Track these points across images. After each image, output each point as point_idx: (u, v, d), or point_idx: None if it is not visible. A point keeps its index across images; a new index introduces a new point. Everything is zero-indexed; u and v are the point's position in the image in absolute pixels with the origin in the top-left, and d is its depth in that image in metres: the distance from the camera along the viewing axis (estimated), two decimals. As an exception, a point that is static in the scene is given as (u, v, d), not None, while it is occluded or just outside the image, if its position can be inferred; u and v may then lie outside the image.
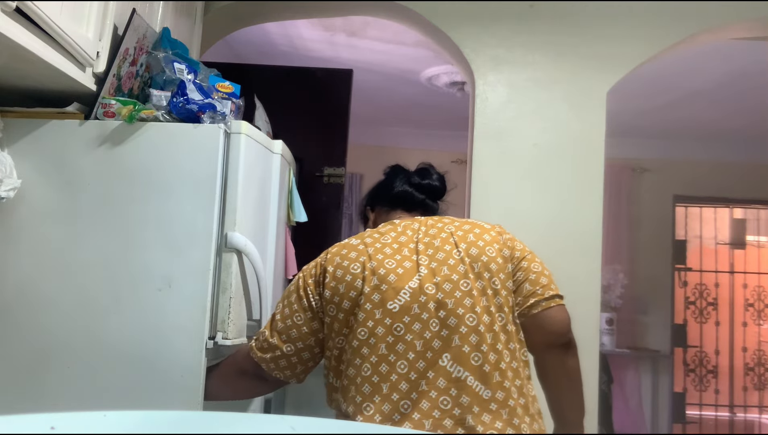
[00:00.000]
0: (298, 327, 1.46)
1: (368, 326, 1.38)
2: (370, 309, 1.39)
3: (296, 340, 1.46)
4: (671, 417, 5.14)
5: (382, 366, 1.36)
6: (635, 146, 5.10)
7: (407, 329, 1.37)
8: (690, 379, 5.40)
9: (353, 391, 1.37)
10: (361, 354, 1.38)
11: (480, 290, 1.42)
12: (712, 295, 5.47)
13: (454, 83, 4.05)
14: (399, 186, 1.66)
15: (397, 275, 1.41)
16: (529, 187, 2.54)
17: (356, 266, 1.43)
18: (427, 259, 1.44)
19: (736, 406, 5.49)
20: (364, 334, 1.38)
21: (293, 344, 1.46)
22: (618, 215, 5.16)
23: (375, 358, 1.36)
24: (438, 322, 1.37)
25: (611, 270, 4.94)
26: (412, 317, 1.38)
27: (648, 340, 5.17)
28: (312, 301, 1.46)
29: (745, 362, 5.51)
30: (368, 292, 1.40)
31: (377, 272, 1.41)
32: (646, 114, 4.57)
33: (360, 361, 1.37)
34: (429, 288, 1.40)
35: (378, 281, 1.41)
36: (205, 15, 2.43)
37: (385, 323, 1.38)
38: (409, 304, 1.38)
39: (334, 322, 1.43)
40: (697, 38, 2.64)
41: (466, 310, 1.38)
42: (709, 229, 5.55)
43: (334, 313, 1.43)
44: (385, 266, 1.42)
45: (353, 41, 3.62)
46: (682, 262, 5.33)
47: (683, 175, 5.20)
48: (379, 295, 1.39)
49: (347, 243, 1.52)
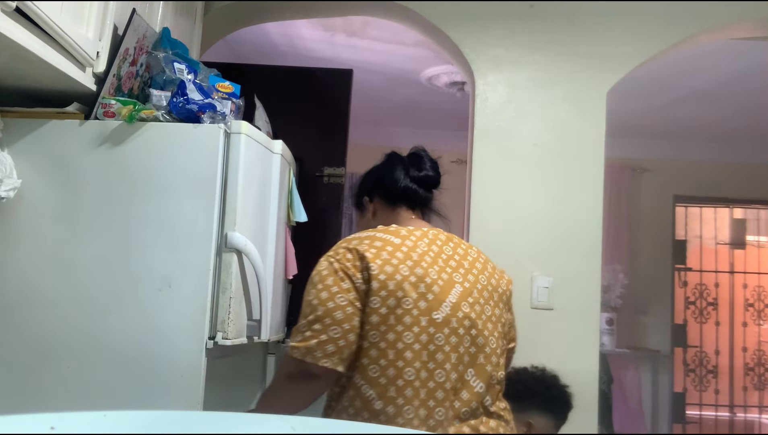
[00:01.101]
0: (343, 308, 1.43)
1: (414, 332, 1.43)
2: (417, 315, 1.44)
3: (342, 322, 1.42)
4: (671, 417, 5.14)
5: (422, 373, 1.43)
6: (635, 146, 5.10)
7: (446, 341, 1.45)
8: (690, 379, 5.40)
9: (393, 392, 1.41)
10: (404, 357, 1.42)
11: (497, 317, 1.57)
12: (712, 295, 5.47)
13: (454, 83, 4.05)
14: (401, 181, 1.66)
15: (440, 287, 1.48)
16: (529, 187, 2.54)
17: (405, 269, 1.46)
18: (461, 277, 1.52)
19: (736, 406, 5.49)
20: (409, 339, 1.43)
21: (339, 326, 1.42)
22: (618, 215, 5.15)
23: (418, 364, 1.42)
24: (469, 340, 1.49)
25: (611, 270, 4.93)
26: (450, 330, 1.46)
27: (648, 340, 5.17)
28: (356, 283, 1.45)
29: (745, 362, 5.51)
30: (415, 298, 1.45)
31: (424, 280, 1.47)
32: (646, 114, 4.57)
33: (403, 364, 1.42)
34: (464, 306, 1.49)
35: (424, 289, 1.46)
36: (205, 15, 2.43)
37: (429, 332, 1.44)
38: (449, 317, 1.47)
39: (372, 314, 1.44)
40: (697, 38, 2.64)
41: (489, 333, 1.52)
42: (709, 229, 5.55)
43: (378, 305, 1.44)
44: (429, 275, 1.48)
45: (353, 41, 3.61)
46: (682, 262, 5.33)
47: (683, 175, 5.20)
48: (425, 303, 1.45)
49: (388, 239, 1.51)
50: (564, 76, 2.58)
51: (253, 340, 1.73)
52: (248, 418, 1.20)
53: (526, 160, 2.55)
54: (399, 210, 1.66)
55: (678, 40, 2.58)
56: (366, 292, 1.45)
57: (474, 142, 2.58)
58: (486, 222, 2.52)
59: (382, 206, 1.69)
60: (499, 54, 2.61)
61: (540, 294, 2.46)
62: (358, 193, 1.76)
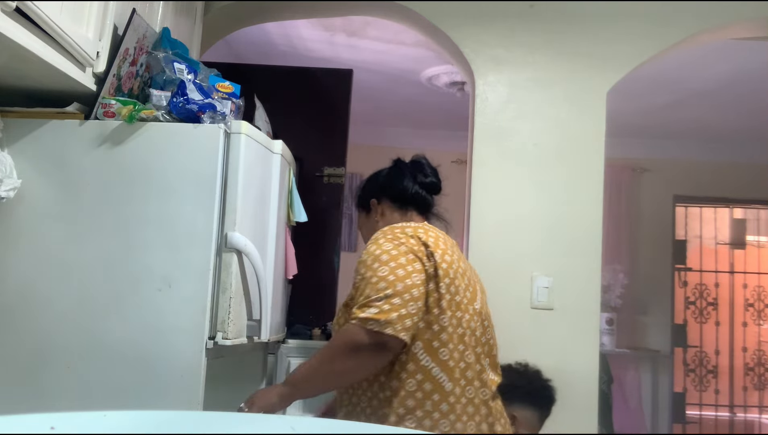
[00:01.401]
0: (418, 286, 1.52)
1: (465, 320, 1.61)
2: (466, 305, 1.62)
3: (417, 299, 1.51)
4: (671, 417, 5.14)
5: (470, 356, 1.61)
6: (635, 146, 5.10)
7: (479, 331, 1.65)
8: (690, 379, 5.40)
9: (458, 374, 1.57)
10: (465, 342, 1.59)
11: (491, 323, 1.76)
12: (712, 295, 5.47)
13: (454, 83, 4.05)
14: (411, 187, 1.78)
15: (469, 280, 1.68)
16: (529, 187, 2.54)
17: (456, 263, 1.63)
18: (475, 282, 1.73)
19: (736, 406, 5.49)
20: (466, 325, 1.60)
21: (416, 303, 1.51)
22: (618, 215, 5.16)
23: (470, 351, 1.61)
24: (484, 334, 1.68)
25: (611, 270, 4.94)
26: (477, 324, 1.65)
27: (648, 340, 5.17)
28: (426, 266, 1.56)
29: (745, 362, 5.51)
30: (463, 288, 1.62)
31: (465, 275, 1.66)
32: (646, 114, 4.57)
33: (463, 348, 1.59)
34: (482, 306, 1.71)
35: (468, 283, 1.66)
36: (205, 15, 2.43)
37: (474, 320, 1.64)
38: (479, 311, 1.67)
39: (442, 299, 1.57)
40: (697, 38, 2.64)
41: (492, 333, 1.74)
42: (709, 229, 5.55)
43: (445, 291, 1.57)
44: (465, 273, 1.66)
45: (353, 41, 3.62)
46: (682, 262, 5.33)
47: (683, 175, 5.20)
48: (469, 294, 1.64)
49: (438, 235, 1.66)
50: (564, 76, 2.58)
51: (253, 340, 1.73)
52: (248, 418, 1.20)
53: (526, 160, 2.55)
54: (410, 213, 1.79)
55: (678, 39, 2.58)
56: (433, 276, 1.56)
57: (474, 142, 2.58)
58: (486, 222, 2.52)
59: (391, 209, 1.79)
60: (499, 54, 2.61)
61: (540, 294, 2.46)
62: (363, 195, 1.86)
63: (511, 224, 2.52)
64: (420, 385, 1.53)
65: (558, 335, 2.44)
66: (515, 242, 2.50)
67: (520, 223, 2.52)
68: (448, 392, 1.53)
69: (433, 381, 1.53)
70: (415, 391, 1.53)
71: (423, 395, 1.53)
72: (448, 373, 1.54)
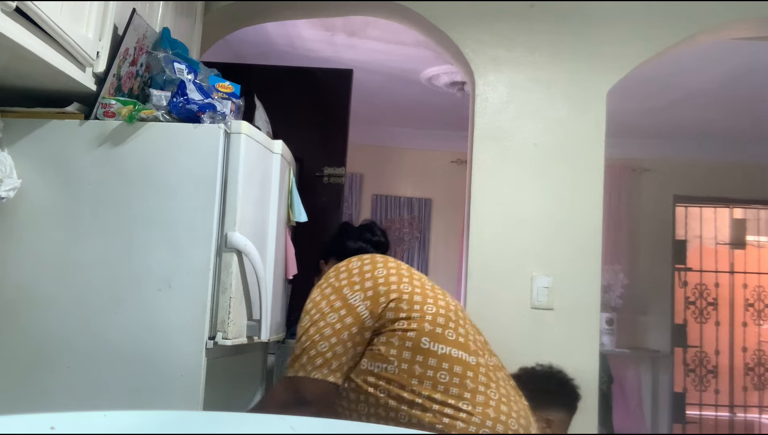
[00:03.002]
0: (342, 335, 1.63)
1: (447, 304, 1.73)
2: (436, 296, 1.75)
3: (342, 343, 1.64)
4: (671, 417, 5.14)
5: (470, 328, 1.73)
6: (635, 146, 5.10)
7: (461, 312, 1.77)
8: (690, 379, 5.40)
9: (473, 346, 1.66)
10: (459, 316, 1.72)
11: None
12: (712, 295, 5.47)
13: (454, 83, 4.05)
14: (353, 244, 1.84)
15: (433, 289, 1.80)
16: (529, 187, 2.54)
17: (410, 272, 1.80)
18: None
19: (736, 406, 5.49)
20: (450, 307, 1.72)
21: (342, 346, 1.63)
22: (618, 215, 5.16)
23: (469, 325, 1.73)
24: (466, 318, 1.78)
25: (611, 270, 4.93)
26: (453, 307, 1.76)
27: (648, 340, 5.17)
28: (367, 293, 1.67)
29: (745, 362, 5.51)
30: (429, 288, 1.77)
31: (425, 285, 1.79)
32: (646, 114, 4.57)
33: (463, 322, 1.71)
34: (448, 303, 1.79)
35: (431, 288, 1.79)
36: (205, 15, 2.43)
37: (450, 305, 1.74)
38: (449, 303, 1.77)
39: (400, 302, 1.67)
40: (697, 38, 2.64)
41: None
42: (709, 229, 5.55)
43: (417, 288, 1.72)
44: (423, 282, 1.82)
45: (353, 41, 3.62)
46: (682, 262, 5.33)
47: (683, 175, 5.20)
48: (438, 293, 1.78)
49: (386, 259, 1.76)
50: (564, 76, 2.58)
51: (253, 340, 1.73)
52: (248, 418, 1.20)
53: (526, 160, 2.55)
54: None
55: (678, 40, 2.58)
56: (391, 284, 1.70)
57: (474, 142, 2.58)
58: (486, 222, 2.52)
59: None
60: (499, 54, 2.61)
61: (540, 294, 2.46)
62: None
63: (511, 224, 2.52)
64: (451, 373, 1.54)
65: (558, 335, 2.44)
66: (515, 242, 2.50)
67: (520, 223, 2.52)
68: (476, 365, 1.58)
69: (459, 361, 1.56)
70: (450, 380, 1.54)
71: (459, 379, 1.54)
72: (465, 349, 1.59)
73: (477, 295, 2.49)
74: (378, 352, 1.57)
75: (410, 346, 1.56)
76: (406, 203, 5.51)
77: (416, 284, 1.67)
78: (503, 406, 1.55)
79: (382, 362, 1.56)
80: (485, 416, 1.51)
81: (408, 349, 1.56)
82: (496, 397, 1.56)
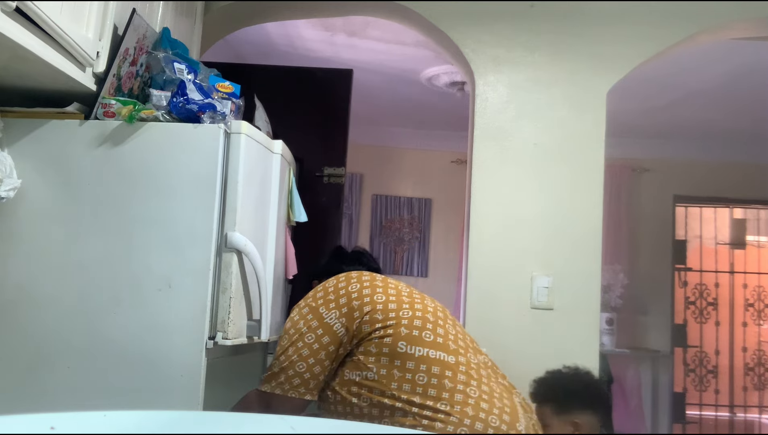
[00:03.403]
0: (318, 356, 1.69)
1: (425, 306, 1.76)
2: (419, 302, 1.79)
3: (317, 364, 1.70)
4: (671, 417, 5.14)
5: (450, 328, 1.76)
6: (635, 146, 5.10)
7: (441, 313, 1.81)
8: (690, 379, 5.40)
9: (453, 345, 1.68)
10: (438, 317, 1.76)
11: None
12: (712, 295, 5.47)
13: (454, 83, 4.05)
14: (345, 268, 1.85)
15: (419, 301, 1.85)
16: (529, 187, 2.54)
17: (392, 284, 1.83)
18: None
19: (736, 406, 5.49)
20: (429, 308, 1.76)
21: (318, 365, 1.69)
22: (618, 215, 5.16)
23: (449, 324, 1.76)
24: (449, 317, 1.82)
25: (611, 270, 4.93)
26: (434, 308, 1.80)
27: (648, 340, 5.17)
28: (343, 308, 1.72)
29: (745, 362, 5.51)
30: (407, 295, 1.79)
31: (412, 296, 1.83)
32: (646, 114, 4.57)
33: (442, 323, 1.74)
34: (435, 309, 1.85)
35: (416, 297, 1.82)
36: (205, 15, 2.43)
37: (431, 308, 1.79)
38: (434, 307, 1.82)
39: (374, 313, 1.72)
40: (697, 38, 2.64)
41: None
42: (709, 229, 5.55)
43: (391, 297, 1.75)
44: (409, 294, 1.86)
45: (353, 41, 3.61)
46: (682, 262, 5.33)
47: (683, 175, 5.20)
48: (416, 300, 1.81)
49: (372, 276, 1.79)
50: (564, 76, 2.58)
51: (253, 340, 1.73)
52: (248, 419, 1.20)
53: (526, 160, 2.55)
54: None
55: (678, 40, 2.58)
56: (367, 296, 1.73)
57: (474, 142, 2.58)
58: (486, 222, 2.52)
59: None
60: (499, 54, 2.61)
61: (540, 294, 2.46)
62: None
63: (511, 224, 2.52)
64: (429, 374, 1.55)
65: (558, 335, 2.44)
66: (515, 242, 2.50)
67: (520, 223, 2.52)
68: (455, 364, 1.58)
69: (437, 362, 1.56)
70: (428, 381, 1.54)
71: (438, 379, 1.55)
72: (444, 349, 1.59)
73: (477, 295, 2.48)
74: (358, 361, 1.60)
75: (387, 352, 1.58)
76: (406, 203, 5.51)
77: (391, 293, 1.68)
78: (483, 403, 1.54)
79: (362, 370, 1.58)
80: (463, 415, 1.51)
81: (385, 354, 1.58)
82: (476, 395, 1.55)
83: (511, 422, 1.55)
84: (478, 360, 1.66)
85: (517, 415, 1.58)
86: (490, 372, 1.66)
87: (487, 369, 1.66)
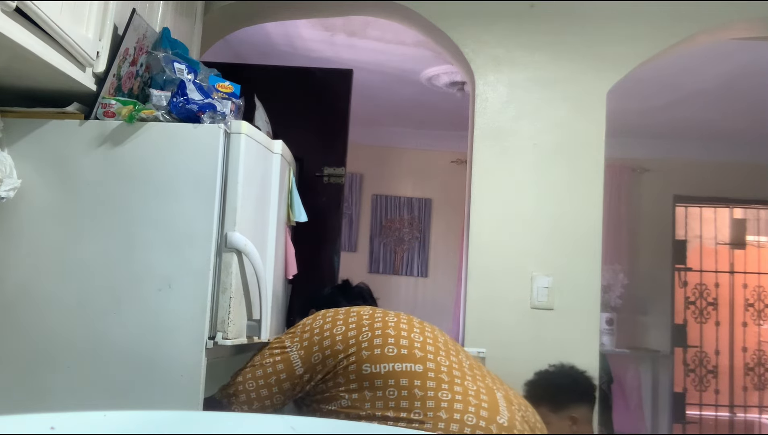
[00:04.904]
0: (280, 386, 1.76)
1: (387, 319, 1.79)
2: (390, 320, 1.82)
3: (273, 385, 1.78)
4: (671, 417, 5.14)
5: (417, 336, 1.77)
6: (635, 146, 5.10)
7: (414, 321, 1.83)
8: (690, 379, 5.40)
9: (419, 353, 1.69)
10: (402, 329, 1.75)
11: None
12: (712, 295, 5.47)
13: (454, 83, 4.05)
14: (345, 303, 1.94)
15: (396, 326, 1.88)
16: (529, 187, 2.54)
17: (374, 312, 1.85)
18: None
19: (736, 406, 5.49)
20: (393, 322, 1.78)
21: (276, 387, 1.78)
22: (618, 215, 5.15)
23: (416, 332, 1.77)
24: (422, 325, 1.86)
25: (611, 270, 4.93)
26: (405, 319, 1.82)
27: (648, 340, 5.17)
28: (302, 344, 1.79)
29: (745, 362, 5.51)
30: (381, 318, 1.81)
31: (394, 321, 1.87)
32: (646, 114, 4.57)
33: (405, 334, 1.74)
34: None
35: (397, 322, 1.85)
36: (205, 15, 2.43)
37: (402, 319, 1.82)
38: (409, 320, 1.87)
39: (335, 340, 1.76)
40: (697, 38, 2.64)
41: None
42: (709, 229, 5.55)
43: (350, 325, 1.78)
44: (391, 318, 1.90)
45: (353, 41, 3.62)
46: (682, 262, 5.33)
47: (683, 175, 5.20)
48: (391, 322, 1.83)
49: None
50: (564, 76, 2.58)
51: (253, 340, 1.73)
52: (248, 418, 1.20)
53: (526, 160, 2.55)
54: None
55: (678, 40, 2.58)
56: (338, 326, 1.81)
57: (474, 142, 2.58)
58: (486, 222, 2.52)
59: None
60: (499, 54, 2.61)
61: (540, 294, 2.46)
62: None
63: (511, 224, 2.52)
64: (398, 387, 1.55)
65: (558, 335, 2.44)
66: (515, 242, 2.50)
67: (520, 223, 2.52)
68: (423, 371, 1.57)
69: (404, 374, 1.56)
70: (399, 394, 1.54)
71: (407, 390, 1.54)
72: (409, 360, 1.59)
73: (477, 295, 2.49)
74: (331, 394, 1.62)
75: (354, 378, 1.59)
76: (406, 203, 5.51)
77: (351, 321, 1.71)
78: (457, 404, 1.53)
79: (337, 400, 1.60)
80: (436, 419, 1.50)
81: (353, 381, 1.59)
82: (448, 397, 1.54)
83: (490, 417, 1.52)
84: (451, 362, 1.64)
85: (497, 410, 1.54)
86: (467, 371, 1.64)
87: (462, 369, 1.63)
